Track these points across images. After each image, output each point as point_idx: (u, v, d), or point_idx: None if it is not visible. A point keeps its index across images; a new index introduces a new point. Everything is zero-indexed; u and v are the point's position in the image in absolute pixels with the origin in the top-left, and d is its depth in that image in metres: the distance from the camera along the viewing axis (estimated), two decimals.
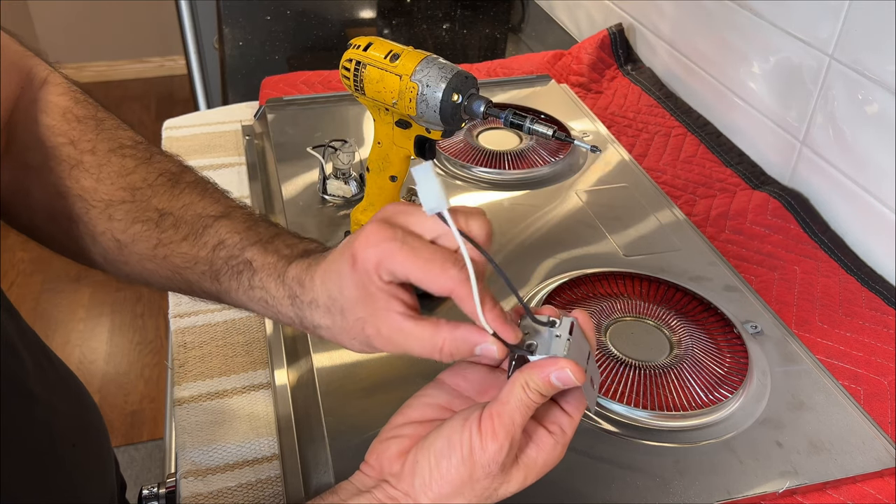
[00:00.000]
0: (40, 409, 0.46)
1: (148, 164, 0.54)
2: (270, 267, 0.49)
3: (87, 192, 0.52)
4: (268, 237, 0.52)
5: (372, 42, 0.65)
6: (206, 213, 0.53)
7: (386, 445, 0.45)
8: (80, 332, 2.15)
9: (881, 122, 0.80)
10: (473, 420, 0.41)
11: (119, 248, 0.53)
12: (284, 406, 0.65)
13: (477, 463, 0.41)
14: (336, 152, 0.86)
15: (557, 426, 0.44)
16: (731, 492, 0.58)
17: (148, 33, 3.29)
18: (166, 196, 0.53)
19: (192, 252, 0.52)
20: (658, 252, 0.81)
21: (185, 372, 0.69)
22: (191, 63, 1.78)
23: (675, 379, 0.65)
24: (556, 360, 0.41)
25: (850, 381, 0.69)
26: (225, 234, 0.52)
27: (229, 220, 0.52)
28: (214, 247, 0.51)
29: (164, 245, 0.52)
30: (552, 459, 0.44)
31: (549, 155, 0.95)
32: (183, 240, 0.52)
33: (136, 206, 0.53)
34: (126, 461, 1.82)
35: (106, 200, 0.52)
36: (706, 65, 1.08)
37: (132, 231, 0.52)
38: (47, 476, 0.45)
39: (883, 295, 0.79)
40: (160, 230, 0.52)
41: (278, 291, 0.49)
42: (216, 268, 0.51)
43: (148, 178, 0.54)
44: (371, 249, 0.42)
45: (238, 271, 0.50)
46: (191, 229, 0.52)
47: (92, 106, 0.56)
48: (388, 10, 1.53)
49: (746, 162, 1.00)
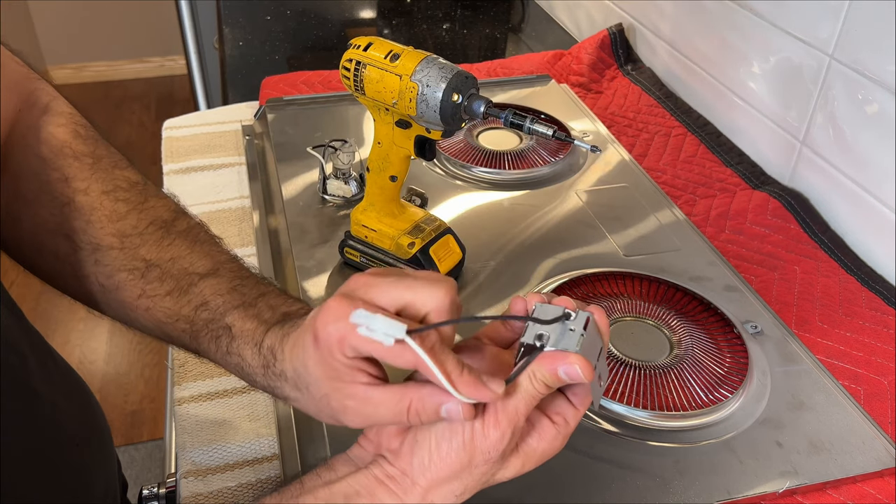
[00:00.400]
0: (45, 408, 0.46)
1: (140, 211, 0.53)
2: (248, 334, 0.49)
3: (75, 234, 0.52)
4: (252, 298, 0.51)
5: (372, 42, 0.65)
6: (194, 269, 0.52)
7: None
8: (80, 332, 2.15)
9: (881, 122, 0.80)
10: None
11: (103, 292, 0.53)
12: (284, 406, 0.65)
13: (477, 449, 0.41)
14: (336, 152, 0.86)
15: (561, 417, 0.44)
16: (731, 492, 0.58)
17: (148, 33, 3.29)
18: (155, 247, 0.52)
19: (175, 308, 0.51)
20: (658, 252, 0.81)
21: (185, 372, 0.69)
22: (191, 63, 1.78)
23: (675, 379, 0.65)
24: (567, 355, 0.41)
25: (850, 381, 0.69)
26: (209, 294, 0.51)
27: (215, 279, 0.52)
28: (197, 307, 0.51)
29: (147, 297, 0.52)
30: (552, 449, 0.44)
31: (549, 155, 0.95)
32: (167, 294, 0.51)
33: (124, 253, 0.52)
34: (126, 461, 1.82)
35: (94, 244, 0.52)
36: (706, 65, 1.08)
37: (117, 278, 0.52)
38: (53, 474, 0.45)
39: (883, 295, 0.79)
40: (145, 281, 0.52)
41: (254, 360, 0.49)
42: (196, 328, 0.51)
43: (139, 225, 0.53)
44: (332, 326, 0.41)
45: (217, 336, 0.50)
46: (176, 284, 0.52)
47: (92, 142, 0.54)
48: (388, 10, 1.53)
49: (746, 162, 1.00)
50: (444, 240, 0.73)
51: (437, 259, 0.71)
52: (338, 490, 0.44)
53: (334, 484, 0.44)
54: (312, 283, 0.75)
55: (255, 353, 0.49)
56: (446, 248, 0.73)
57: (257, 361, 0.48)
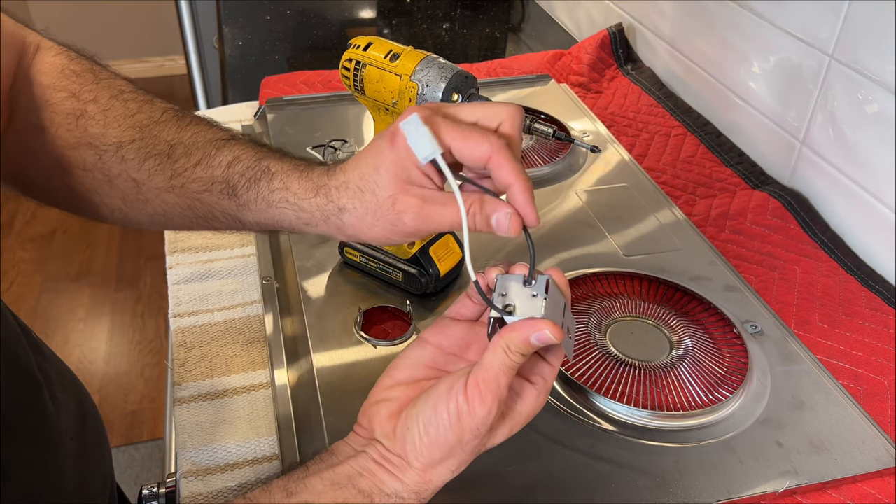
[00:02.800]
0: (44, 398, 0.46)
1: (151, 104, 0.55)
2: (290, 170, 0.51)
3: (96, 139, 0.53)
4: (281, 154, 0.53)
5: (372, 42, 0.65)
6: (217, 136, 0.54)
7: (376, 409, 0.47)
8: (80, 332, 2.15)
9: (881, 122, 0.80)
10: (459, 387, 0.43)
11: (137, 187, 0.54)
12: (284, 406, 0.65)
13: (466, 428, 0.43)
14: (336, 152, 0.86)
15: (539, 377, 0.46)
16: (731, 492, 0.58)
17: (148, 33, 3.29)
18: (174, 129, 0.54)
19: (207, 174, 0.52)
20: (658, 252, 0.81)
21: (185, 372, 0.69)
22: (191, 63, 1.78)
23: (675, 379, 0.65)
24: (535, 322, 0.42)
25: (850, 381, 0.69)
26: (239, 151, 0.53)
27: (241, 142, 0.54)
28: (230, 163, 0.52)
29: (178, 175, 0.53)
30: (536, 408, 0.46)
31: (549, 155, 0.95)
32: (196, 164, 0.53)
33: (146, 142, 0.53)
34: (126, 461, 1.82)
35: (116, 143, 0.53)
36: (706, 65, 1.08)
37: (146, 167, 0.53)
38: (52, 464, 0.46)
39: (883, 295, 0.79)
40: (172, 160, 0.53)
41: (301, 187, 0.50)
42: (233, 182, 0.52)
43: (154, 115, 0.54)
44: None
45: (256, 179, 0.51)
46: (203, 153, 0.53)
47: (87, 61, 0.57)
48: (388, 10, 1.53)
49: (746, 162, 1.00)
50: (444, 240, 0.73)
51: (437, 259, 0.71)
52: (341, 472, 0.45)
53: (337, 467, 0.46)
54: (312, 284, 0.75)
55: (303, 181, 0.50)
56: (446, 247, 0.73)
57: (306, 185, 0.50)
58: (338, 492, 0.44)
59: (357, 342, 0.68)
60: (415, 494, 0.45)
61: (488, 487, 0.56)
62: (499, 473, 0.57)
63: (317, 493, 0.44)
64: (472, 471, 0.47)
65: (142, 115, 0.54)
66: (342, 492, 0.44)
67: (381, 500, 0.45)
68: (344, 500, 0.44)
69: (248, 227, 0.54)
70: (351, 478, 0.45)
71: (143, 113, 0.54)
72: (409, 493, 0.45)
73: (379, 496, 0.45)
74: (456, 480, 0.46)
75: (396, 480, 0.45)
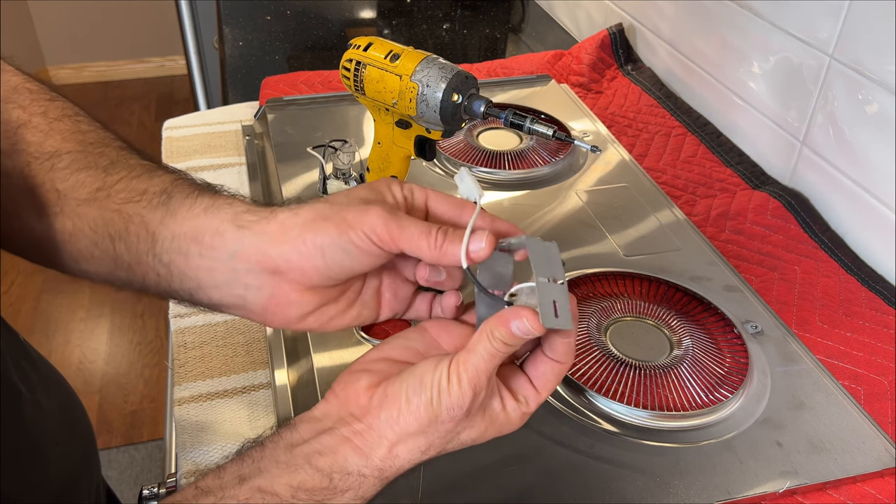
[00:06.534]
0: (25, 406, 0.46)
1: (106, 132, 0.52)
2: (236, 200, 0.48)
3: (31, 147, 0.49)
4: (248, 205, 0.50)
5: (372, 42, 0.65)
6: (167, 169, 0.50)
7: (356, 377, 0.45)
8: (80, 332, 2.15)
9: (881, 122, 0.80)
10: (444, 364, 0.42)
11: (57, 198, 0.48)
12: (284, 406, 0.65)
13: (442, 405, 0.42)
14: (336, 152, 0.86)
15: (523, 398, 0.45)
16: (731, 492, 0.58)
17: (148, 33, 3.29)
18: (124, 154, 0.50)
19: (143, 186, 0.47)
20: (658, 252, 0.81)
21: (185, 372, 0.69)
22: (191, 63, 1.78)
23: (675, 379, 0.65)
24: (518, 311, 0.42)
25: (850, 381, 0.69)
26: (188, 176, 0.49)
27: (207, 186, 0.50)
28: (174, 180, 0.48)
29: (107, 187, 0.48)
30: (511, 421, 0.45)
31: (549, 155, 0.95)
32: (135, 178, 0.48)
33: (85, 156, 0.49)
34: (126, 461, 1.82)
35: (51, 152, 0.48)
36: (706, 65, 1.08)
37: (75, 179, 0.48)
38: (32, 473, 0.45)
39: (883, 295, 0.79)
40: (107, 174, 0.48)
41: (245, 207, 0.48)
42: (169, 192, 0.47)
43: (105, 140, 0.51)
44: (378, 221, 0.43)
45: (200, 192, 0.48)
46: (145, 170, 0.49)
47: (46, 88, 0.53)
48: (388, 10, 1.53)
49: (746, 162, 1.00)
50: None
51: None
52: (299, 452, 0.43)
53: (296, 447, 0.44)
54: None
55: (247, 204, 0.49)
56: None
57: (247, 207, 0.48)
58: (293, 474, 0.42)
59: (357, 342, 0.68)
60: (378, 471, 0.43)
61: (488, 487, 0.56)
62: (498, 473, 0.57)
63: (271, 476, 0.42)
64: (472, 471, 0.47)
65: (92, 136, 0.50)
66: (298, 474, 0.42)
67: (342, 480, 0.43)
68: (300, 482, 0.42)
69: (159, 246, 0.47)
70: (308, 457, 0.43)
71: (94, 134, 0.50)
72: (371, 471, 0.43)
73: (339, 475, 0.43)
74: (456, 481, 0.46)
75: (361, 456, 0.43)
